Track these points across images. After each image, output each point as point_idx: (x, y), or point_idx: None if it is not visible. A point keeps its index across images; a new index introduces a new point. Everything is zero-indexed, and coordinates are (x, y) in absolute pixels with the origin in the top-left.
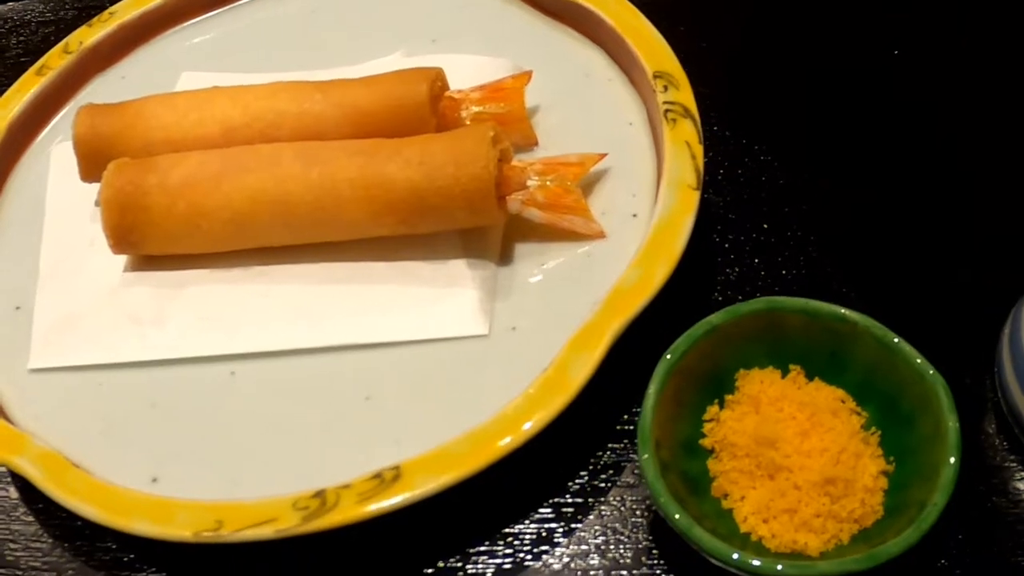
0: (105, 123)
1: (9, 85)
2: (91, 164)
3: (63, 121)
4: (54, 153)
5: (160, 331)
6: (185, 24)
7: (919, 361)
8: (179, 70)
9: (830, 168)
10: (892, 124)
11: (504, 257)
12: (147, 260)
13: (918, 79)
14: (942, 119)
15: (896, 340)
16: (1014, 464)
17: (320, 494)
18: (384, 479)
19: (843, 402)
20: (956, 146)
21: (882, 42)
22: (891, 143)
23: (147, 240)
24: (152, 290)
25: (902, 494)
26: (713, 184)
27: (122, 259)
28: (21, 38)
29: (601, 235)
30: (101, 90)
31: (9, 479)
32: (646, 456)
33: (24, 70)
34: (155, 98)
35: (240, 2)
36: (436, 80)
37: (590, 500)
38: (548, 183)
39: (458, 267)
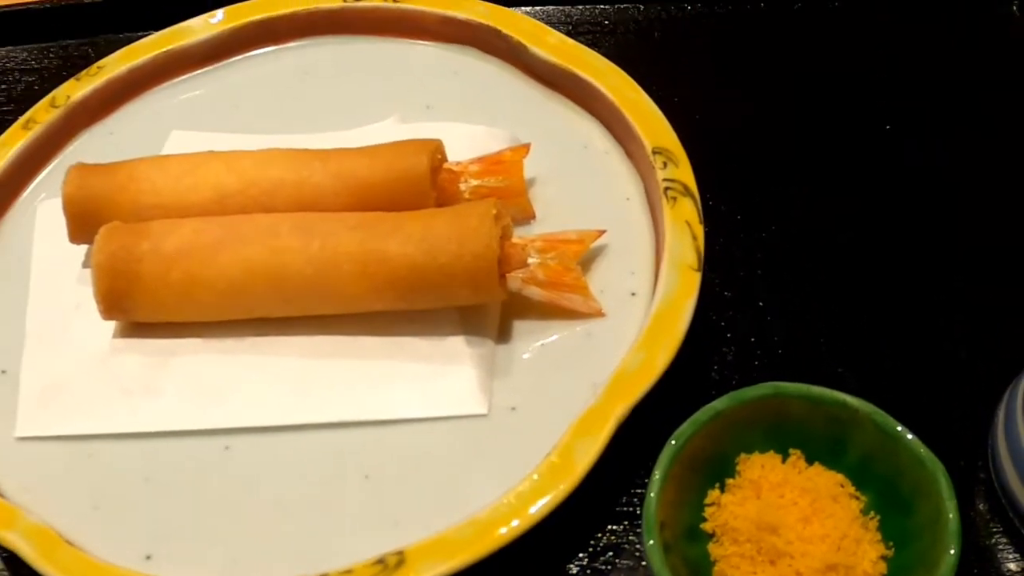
0: (96, 184)
1: None
2: (81, 225)
3: (49, 177)
4: (40, 210)
5: (151, 402)
6: (175, 80)
7: (920, 449)
8: (168, 127)
9: (827, 247)
10: (888, 201)
11: (502, 334)
12: (137, 327)
13: (912, 154)
14: (936, 196)
15: (899, 428)
16: (1008, 546)
17: None
18: (387, 565)
19: (842, 486)
20: (953, 222)
21: (875, 117)
22: (888, 220)
23: (139, 307)
24: (143, 358)
25: None
26: (708, 259)
27: (111, 324)
28: (3, 86)
29: (600, 314)
30: (88, 146)
31: None
32: (651, 542)
33: (5, 119)
34: (147, 161)
35: (230, 60)
36: (436, 152)
37: None
38: (549, 261)
39: (456, 344)
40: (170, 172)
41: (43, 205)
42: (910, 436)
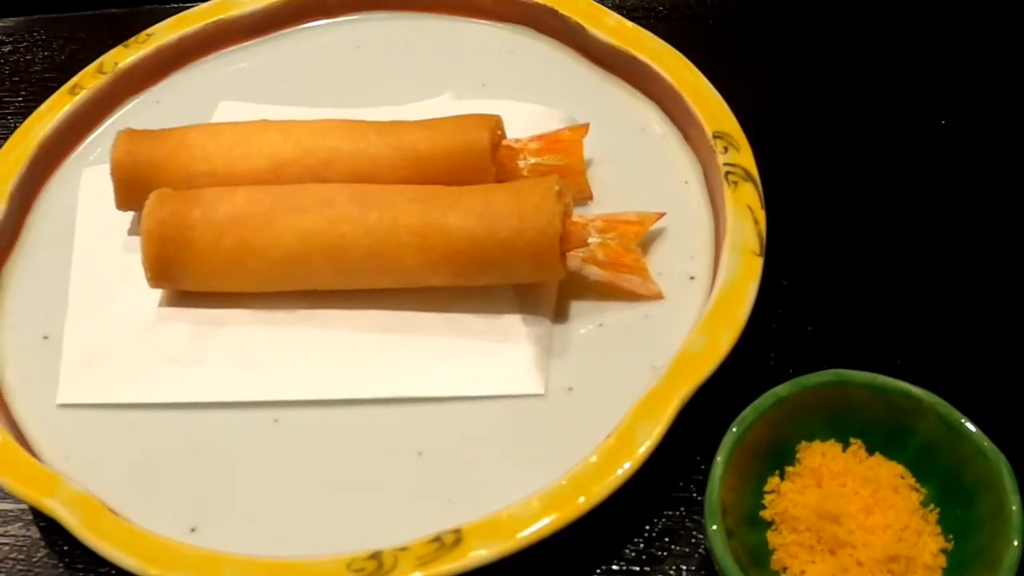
0: (145, 150)
1: (34, 102)
2: (128, 191)
3: (94, 144)
4: (85, 175)
5: (198, 371)
6: (224, 51)
7: (983, 441)
8: (216, 98)
9: (888, 236)
10: (955, 189)
11: (559, 314)
12: (183, 296)
13: (981, 142)
14: (1007, 185)
15: (962, 419)
16: None
17: (376, 556)
18: (444, 543)
19: (902, 477)
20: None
21: (944, 104)
22: (953, 208)
23: (188, 275)
24: (190, 327)
25: (962, 574)
26: (766, 247)
27: (157, 293)
28: (46, 54)
29: (659, 296)
30: (135, 114)
31: (30, 517)
32: (714, 527)
33: (49, 86)
34: (199, 127)
35: (281, 32)
36: (496, 128)
37: (646, 568)
38: (609, 241)
39: (512, 322)
40: (223, 140)
41: (88, 171)
42: (973, 428)
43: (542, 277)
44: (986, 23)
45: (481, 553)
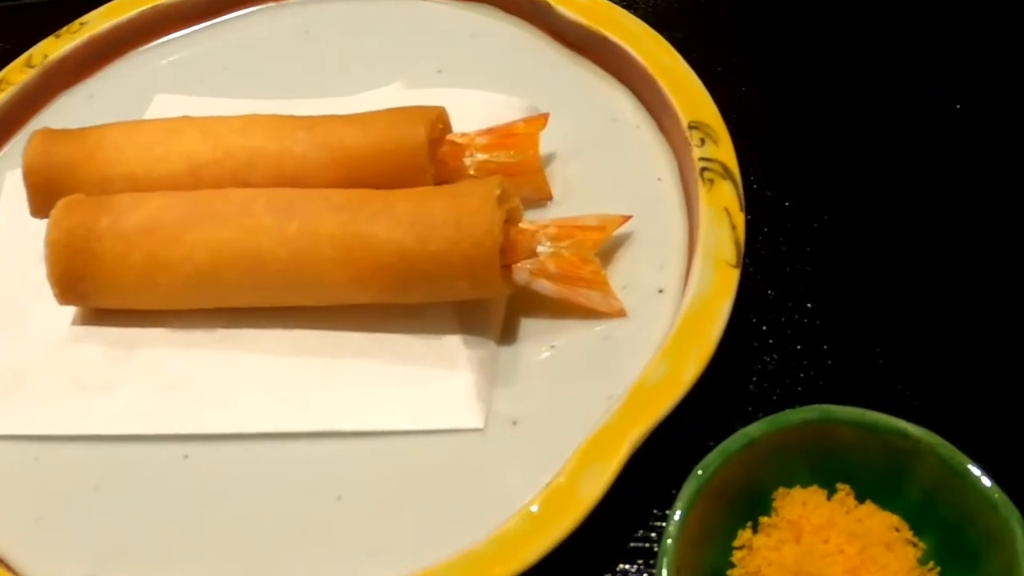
0: (61, 151)
1: None
2: (43, 197)
3: (21, 144)
4: (7, 180)
5: (108, 401)
6: (162, 39)
7: (993, 491)
8: (153, 90)
9: (890, 241)
10: (962, 191)
11: (506, 335)
12: (98, 314)
13: (988, 137)
14: (1018, 188)
15: (967, 465)
16: None
17: None
18: None
19: (898, 530)
20: None
21: (948, 94)
22: (962, 213)
23: (98, 292)
24: (103, 350)
25: None
26: (749, 252)
27: (70, 310)
28: None
29: (621, 313)
30: (66, 109)
31: None
32: None
33: None
34: (118, 126)
35: (224, 18)
36: (437, 121)
37: None
38: (563, 250)
39: (452, 345)
40: (141, 140)
41: (11, 174)
42: (981, 475)
43: (483, 294)
44: (990, 14)
45: None
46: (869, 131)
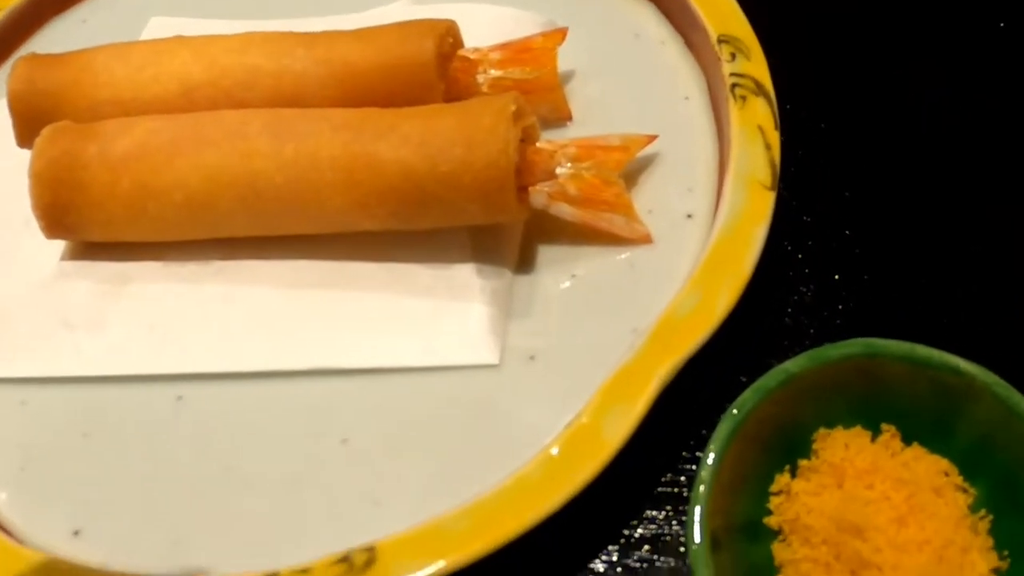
0: (47, 77)
1: None
2: (29, 126)
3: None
4: None
5: (97, 341)
6: None
7: None
8: (149, 13)
9: (937, 163)
10: (1015, 106)
11: (523, 263)
12: (89, 247)
13: None
14: None
15: None
16: None
17: None
18: (353, 564)
19: (947, 475)
20: None
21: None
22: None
23: (85, 224)
24: (92, 286)
25: None
26: (783, 176)
27: (59, 245)
28: None
29: (647, 239)
30: (58, 35)
31: None
32: (697, 543)
33: None
34: (107, 48)
35: None
36: (446, 35)
37: None
38: (583, 172)
39: (464, 274)
40: (131, 62)
41: (2, 103)
42: None
43: (497, 218)
44: None
45: None
46: (914, 47)
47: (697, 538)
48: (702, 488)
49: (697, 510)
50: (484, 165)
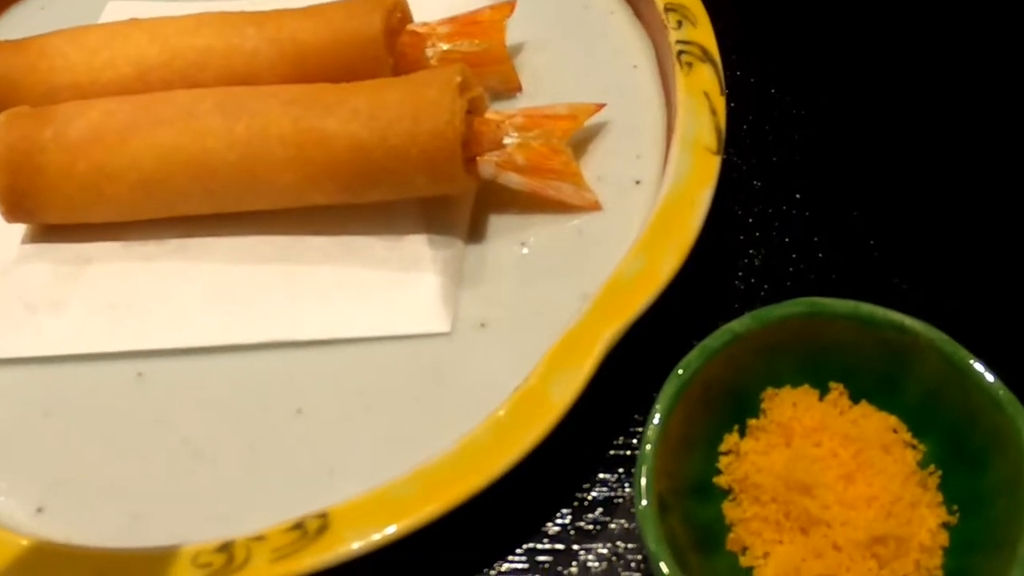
0: (2, 63)
1: None
2: None
3: None
4: None
5: (57, 321)
6: None
7: (998, 389)
8: None
9: (882, 123)
10: (963, 69)
11: (474, 233)
12: (49, 230)
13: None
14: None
15: (970, 361)
16: None
17: (227, 547)
18: (307, 531)
19: (895, 432)
20: None
21: None
22: (963, 90)
23: (44, 207)
24: (52, 267)
25: (968, 557)
26: (733, 142)
27: (19, 229)
28: None
29: (596, 206)
30: (17, 22)
31: None
32: (644, 503)
33: None
34: (62, 33)
35: None
36: (394, 10)
37: (573, 547)
38: (531, 141)
39: (416, 245)
40: (87, 46)
41: None
42: (985, 371)
43: (446, 189)
44: None
45: (350, 547)
46: (862, 9)
47: (644, 500)
48: (648, 447)
49: (644, 470)
50: (431, 136)
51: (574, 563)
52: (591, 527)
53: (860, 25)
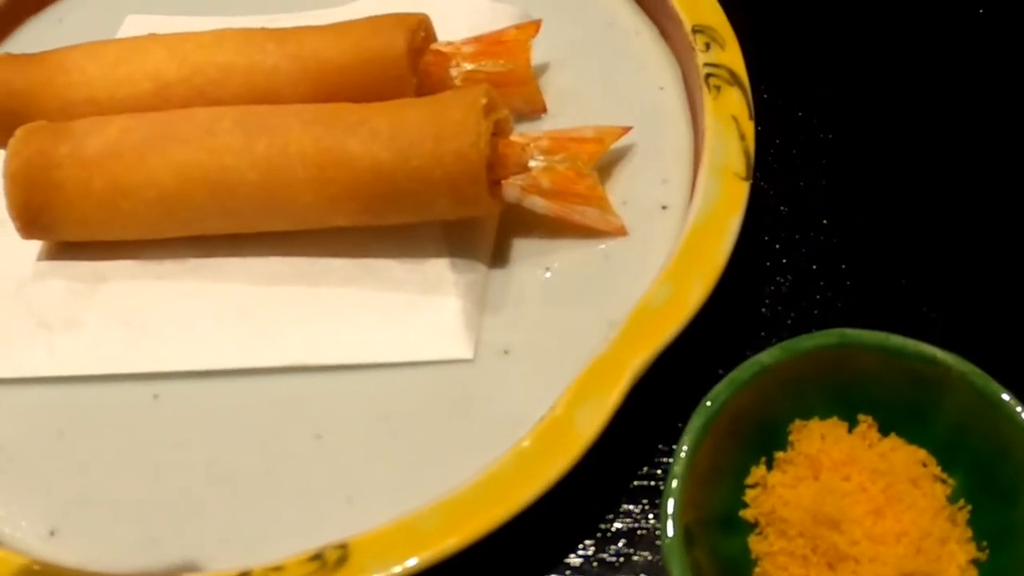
0: (20, 77)
1: None
2: (2, 127)
3: None
4: None
5: (73, 340)
6: None
7: None
8: (125, 12)
9: (912, 149)
10: (995, 94)
11: (498, 257)
12: (65, 247)
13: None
14: None
15: (1002, 394)
16: None
17: None
18: (326, 562)
19: (925, 466)
20: None
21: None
22: (998, 118)
23: (61, 223)
24: (67, 285)
25: None
26: (760, 166)
27: (35, 246)
28: None
29: (621, 231)
30: (34, 35)
31: None
32: (671, 536)
33: None
34: (81, 47)
35: None
36: (418, 29)
37: None
38: (556, 164)
39: (438, 269)
40: (105, 60)
41: None
42: (1017, 405)
43: (469, 212)
44: None
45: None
46: (889, 33)
47: (670, 532)
48: (675, 482)
49: (670, 503)
50: (455, 159)
51: None
52: (614, 559)
53: (889, 49)
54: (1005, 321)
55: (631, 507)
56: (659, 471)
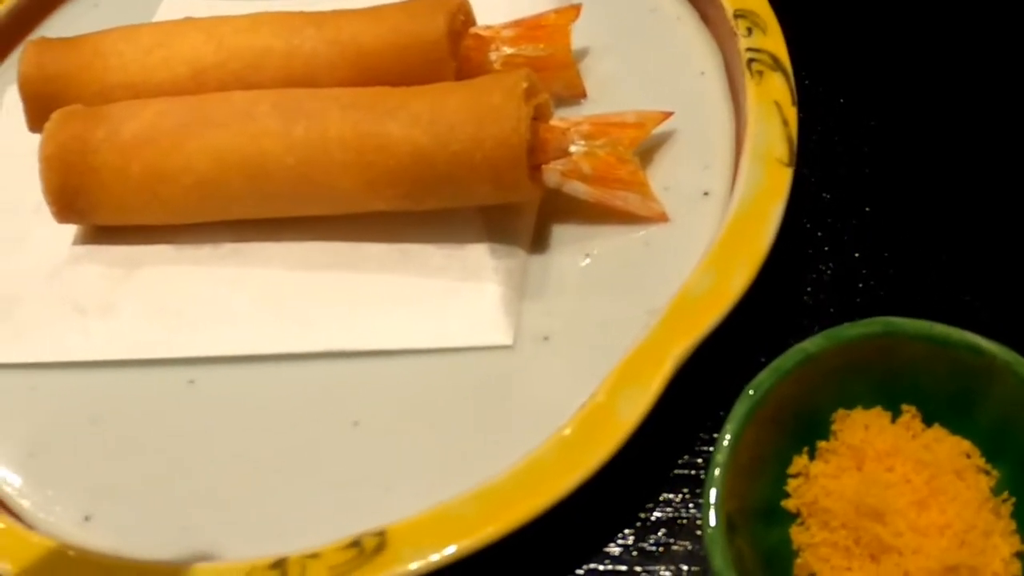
0: (56, 61)
1: None
2: (39, 110)
3: None
4: (7, 94)
5: (108, 325)
6: None
7: None
8: None
9: (956, 135)
10: None
11: (537, 243)
12: (100, 231)
13: None
14: None
15: None
16: None
17: (280, 564)
18: (364, 549)
19: (969, 457)
20: None
21: None
22: None
23: (96, 208)
24: (103, 270)
25: None
26: (802, 153)
27: (71, 230)
28: None
29: (663, 218)
30: (70, 19)
31: None
32: (713, 525)
33: None
34: (117, 31)
35: None
36: (458, 12)
37: (636, 568)
38: (597, 149)
39: (477, 255)
40: (141, 44)
41: (11, 89)
42: None
43: (508, 198)
44: None
45: (408, 567)
46: (934, 19)
47: (712, 521)
48: (717, 471)
49: (712, 492)
50: (495, 144)
51: None
52: (654, 548)
53: (933, 35)
54: None
55: (672, 496)
56: (700, 460)
